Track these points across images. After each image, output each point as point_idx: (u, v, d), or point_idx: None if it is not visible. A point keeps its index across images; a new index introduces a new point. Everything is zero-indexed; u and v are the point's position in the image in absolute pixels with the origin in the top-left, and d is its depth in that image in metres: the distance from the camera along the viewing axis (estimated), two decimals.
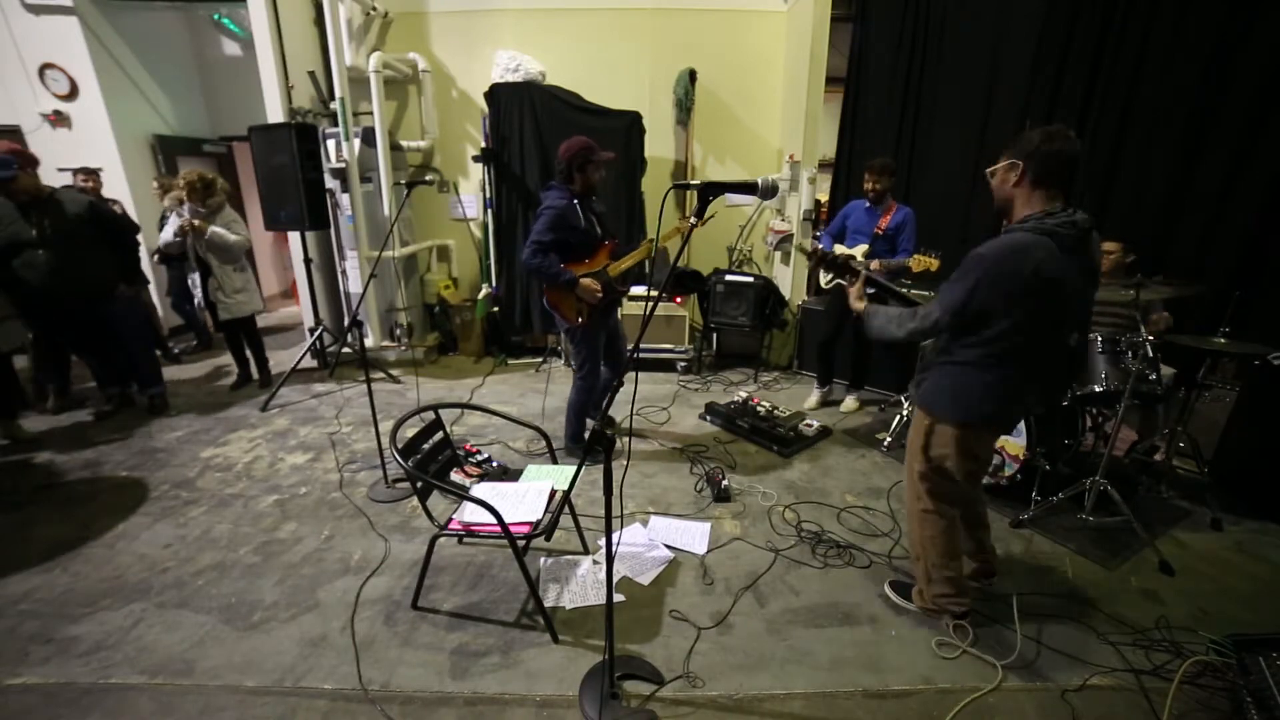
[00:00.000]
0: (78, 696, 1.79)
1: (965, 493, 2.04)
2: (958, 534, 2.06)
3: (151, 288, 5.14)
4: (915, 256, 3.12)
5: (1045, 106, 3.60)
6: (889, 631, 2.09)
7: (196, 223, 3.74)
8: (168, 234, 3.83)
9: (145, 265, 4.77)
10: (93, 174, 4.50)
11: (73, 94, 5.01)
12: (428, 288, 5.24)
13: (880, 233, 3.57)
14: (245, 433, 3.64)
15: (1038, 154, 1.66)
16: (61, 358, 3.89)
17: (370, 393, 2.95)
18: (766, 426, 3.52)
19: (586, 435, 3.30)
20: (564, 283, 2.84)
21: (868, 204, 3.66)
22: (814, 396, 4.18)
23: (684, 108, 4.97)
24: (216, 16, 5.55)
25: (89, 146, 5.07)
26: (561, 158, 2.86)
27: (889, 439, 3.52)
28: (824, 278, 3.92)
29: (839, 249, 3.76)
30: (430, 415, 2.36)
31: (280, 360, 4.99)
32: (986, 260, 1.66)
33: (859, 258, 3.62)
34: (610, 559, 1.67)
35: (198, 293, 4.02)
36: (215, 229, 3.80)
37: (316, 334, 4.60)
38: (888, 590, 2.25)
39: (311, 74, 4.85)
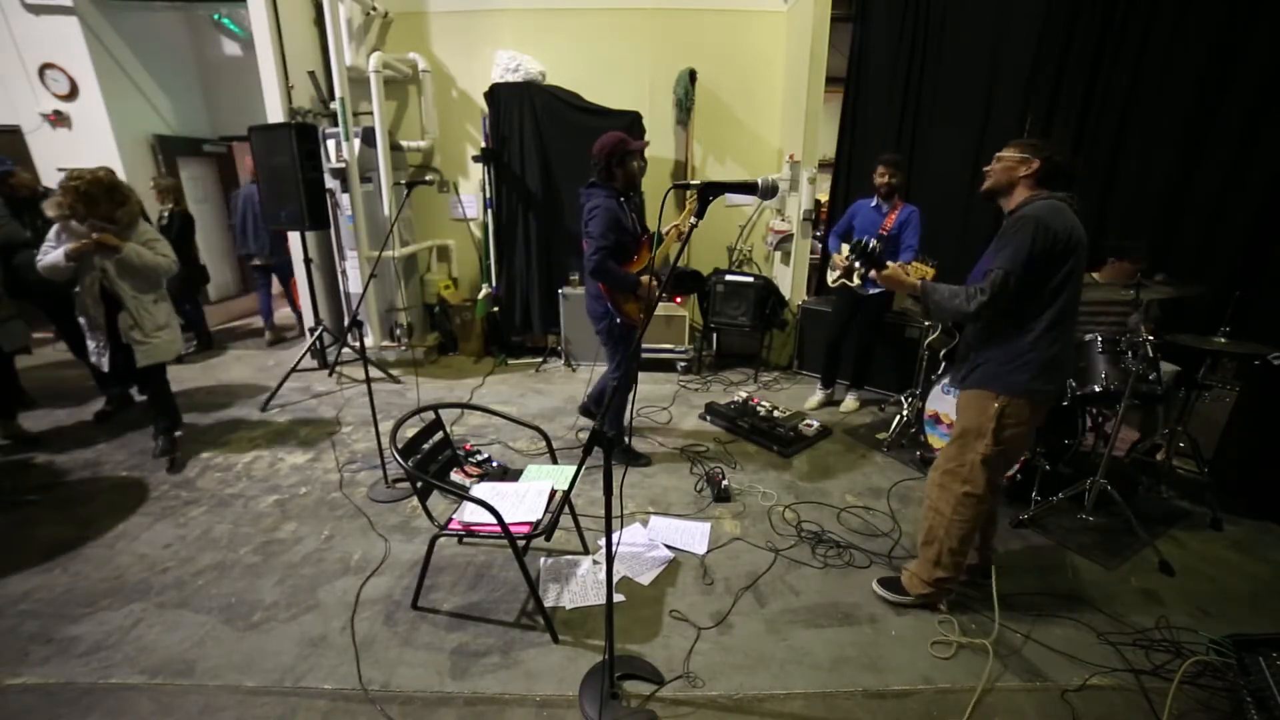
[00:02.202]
0: (78, 696, 1.79)
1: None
2: (980, 522, 2.09)
3: None
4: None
5: (1045, 106, 3.60)
6: (889, 631, 2.09)
7: (101, 238, 2.77)
8: (55, 256, 2.77)
9: None
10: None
11: (73, 94, 5.01)
12: (428, 288, 5.24)
13: (885, 233, 3.55)
14: (245, 433, 3.64)
15: (1051, 160, 1.84)
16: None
17: (370, 393, 2.96)
18: (766, 426, 3.52)
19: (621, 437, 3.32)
20: (630, 285, 2.82)
21: (874, 202, 3.65)
22: (817, 396, 4.18)
23: (684, 108, 4.97)
24: (216, 16, 5.55)
25: (89, 146, 5.07)
26: (599, 156, 2.78)
27: (889, 439, 3.52)
28: (830, 276, 3.90)
29: (846, 249, 3.75)
30: (430, 415, 2.36)
31: (280, 360, 5.00)
32: (1038, 218, 1.75)
33: None
34: (610, 559, 1.67)
35: (92, 343, 2.99)
36: (134, 247, 2.87)
37: (316, 334, 4.60)
38: (875, 587, 2.25)
39: (311, 74, 4.85)
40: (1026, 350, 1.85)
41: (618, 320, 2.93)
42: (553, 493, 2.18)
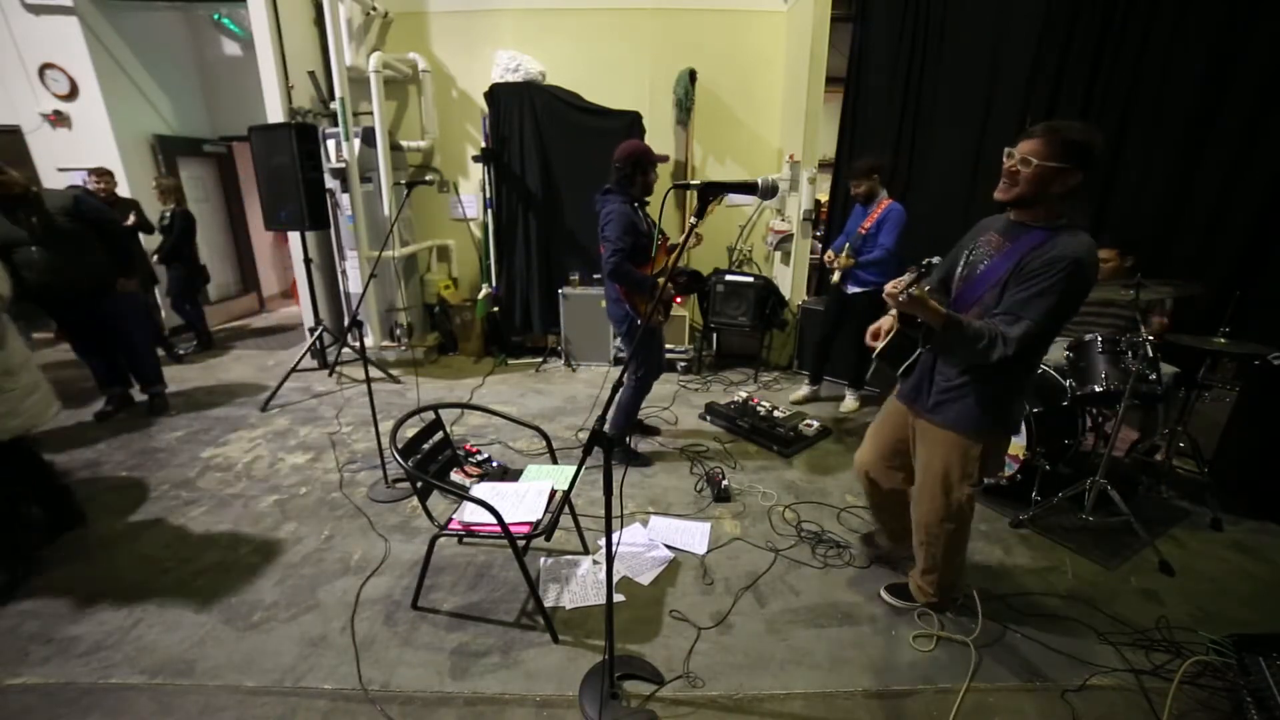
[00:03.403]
0: (78, 696, 1.79)
1: None
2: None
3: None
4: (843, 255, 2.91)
5: (1045, 107, 3.60)
6: (889, 631, 2.09)
7: None
8: None
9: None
10: (105, 175, 4.46)
11: (73, 94, 5.01)
12: (428, 288, 5.24)
13: (864, 232, 3.57)
14: (245, 433, 3.64)
15: (1091, 168, 1.58)
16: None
17: (370, 393, 2.95)
18: (766, 426, 3.52)
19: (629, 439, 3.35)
20: (649, 287, 2.83)
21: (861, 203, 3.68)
22: (803, 391, 4.23)
23: (684, 108, 4.97)
24: (216, 16, 5.55)
25: (89, 146, 5.07)
26: (623, 162, 2.82)
27: None
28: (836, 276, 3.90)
29: (848, 248, 3.76)
30: (430, 415, 2.36)
31: (280, 360, 5.00)
32: (1081, 265, 1.54)
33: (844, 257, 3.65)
34: (610, 559, 1.67)
35: None
36: None
37: (316, 334, 4.60)
38: (884, 595, 2.24)
39: (311, 74, 4.85)
40: (1014, 384, 1.77)
41: (638, 322, 2.95)
42: (553, 493, 2.18)
